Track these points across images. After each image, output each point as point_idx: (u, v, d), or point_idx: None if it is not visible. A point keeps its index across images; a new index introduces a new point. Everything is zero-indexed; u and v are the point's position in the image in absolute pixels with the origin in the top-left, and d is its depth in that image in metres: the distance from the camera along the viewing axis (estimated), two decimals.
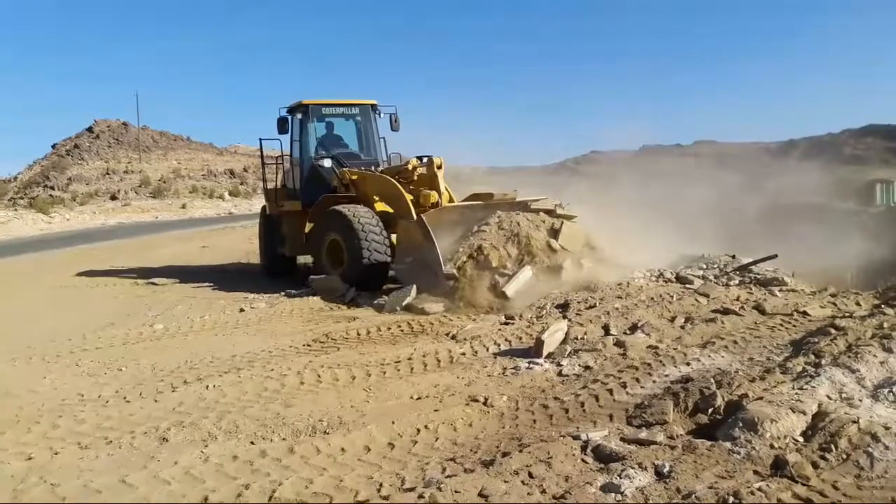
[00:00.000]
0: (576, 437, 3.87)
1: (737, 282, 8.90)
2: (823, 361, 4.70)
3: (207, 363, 6.29)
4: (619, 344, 5.85)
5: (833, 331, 5.46)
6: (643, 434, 3.86)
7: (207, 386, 5.50)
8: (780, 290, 8.02)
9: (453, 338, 6.84)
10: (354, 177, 11.38)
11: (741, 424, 3.70)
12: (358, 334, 7.19)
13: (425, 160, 10.58)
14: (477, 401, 4.76)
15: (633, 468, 3.37)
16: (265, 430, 4.41)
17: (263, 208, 13.70)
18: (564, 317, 7.13)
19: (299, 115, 12.07)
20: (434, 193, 10.12)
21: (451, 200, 10.56)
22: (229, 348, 6.84)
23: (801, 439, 3.63)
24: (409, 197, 10.19)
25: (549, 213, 9.94)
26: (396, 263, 9.79)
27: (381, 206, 10.79)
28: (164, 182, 52.35)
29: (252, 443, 4.22)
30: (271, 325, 8.07)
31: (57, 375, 6.16)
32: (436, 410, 4.61)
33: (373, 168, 11.94)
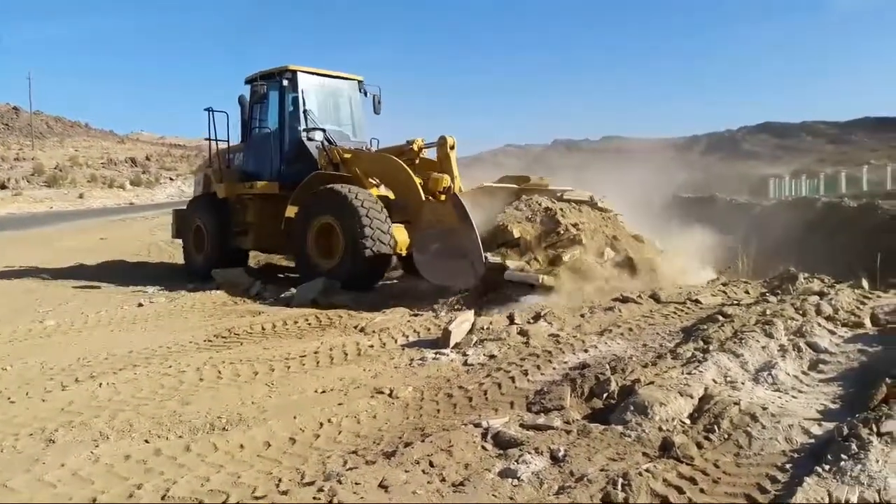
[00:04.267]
0: (477, 425, 3.93)
1: None
2: (711, 347, 4.94)
3: (102, 360, 6.02)
4: (522, 333, 5.98)
5: (721, 318, 5.76)
6: (541, 420, 3.97)
7: (101, 384, 5.26)
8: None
9: (362, 330, 6.81)
10: (348, 155, 10.04)
11: (633, 408, 3.86)
12: (263, 329, 7.05)
13: (414, 141, 9.74)
14: (382, 393, 4.76)
15: (530, 453, 3.45)
16: (160, 428, 4.26)
17: (206, 195, 11.79)
18: (472, 307, 7.22)
19: (284, 82, 10.52)
20: (446, 177, 9.07)
21: (459, 187, 9.43)
22: (126, 344, 6.56)
23: (688, 421, 3.81)
24: (417, 180, 9.13)
25: (589, 205, 9.06)
26: (417, 252, 8.43)
27: (374, 192, 9.69)
28: (60, 170, 49.66)
29: (146, 441, 4.07)
30: (171, 320, 7.80)
31: None
32: (340, 404, 4.59)
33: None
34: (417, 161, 9.69)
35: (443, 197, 8.83)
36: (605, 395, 4.23)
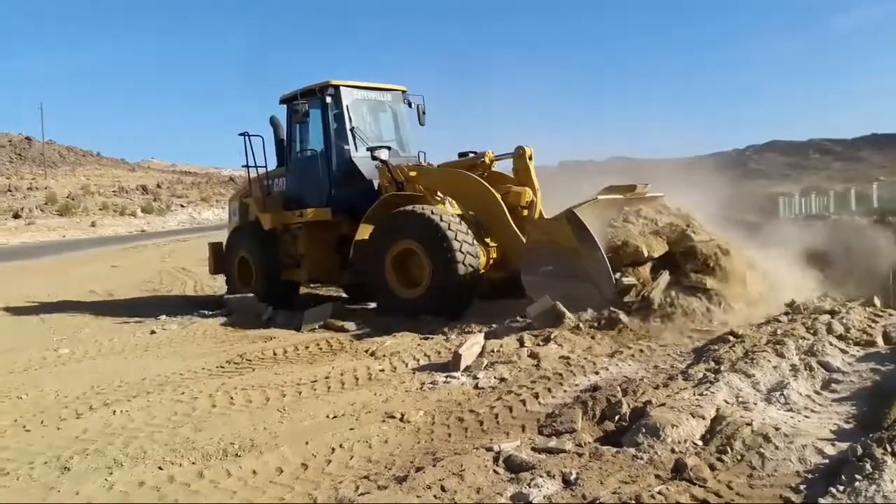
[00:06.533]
0: (488, 449, 3.93)
1: None
2: (722, 368, 4.94)
3: (115, 388, 6.06)
4: (533, 355, 5.98)
5: (732, 338, 5.74)
6: (553, 443, 3.96)
7: (114, 411, 5.31)
8: None
9: (372, 354, 6.83)
10: (413, 172, 9.25)
11: (644, 430, 3.85)
12: (274, 354, 7.09)
13: (485, 154, 9.15)
14: (393, 417, 4.77)
15: (541, 477, 3.45)
16: (174, 455, 4.29)
17: (248, 225, 11.00)
18: (481, 330, 7.24)
19: (327, 99, 9.80)
20: (528, 190, 8.61)
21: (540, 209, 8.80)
22: (139, 372, 6.61)
23: (700, 443, 3.80)
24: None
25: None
26: (525, 273, 7.69)
27: (441, 208, 8.93)
28: (73, 199, 50.19)
29: (160, 468, 4.09)
30: (184, 346, 7.85)
31: None
32: (351, 429, 4.60)
33: None
34: (486, 175, 9.08)
35: (525, 212, 8.49)
36: (616, 418, 4.23)
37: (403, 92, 10.69)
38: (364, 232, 8.92)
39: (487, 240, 8.78)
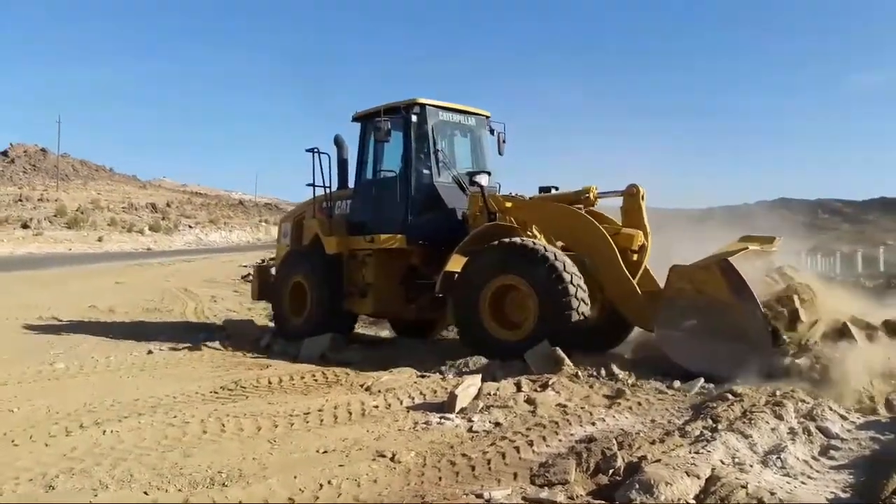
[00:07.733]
0: (478, 496, 3.88)
1: None
2: (720, 426, 4.88)
3: (108, 406, 6.02)
4: (529, 401, 5.93)
5: (731, 396, 5.69)
6: (544, 494, 3.90)
7: (105, 431, 5.26)
8: None
9: (367, 389, 6.77)
10: (509, 203, 8.57)
11: (638, 486, 3.78)
12: (269, 383, 7.04)
13: (589, 189, 8.36)
14: (384, 456, 4.70)
15: None
16: (161, 479, 4.23)
17: (305, 248, 10.15)
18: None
19: (413, 118, 9.10)
20: (640, 233, 7.95)
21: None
22: (133, 392, 6.58)
23: (693, 502, 3.74)
24: None
25: None
26: (662, 327, 7.07)
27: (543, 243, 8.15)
28: (82, 213, 50.51)
29: (145, 493, 4.04)
30: (180, 369, 7.82)
31: None
32: (341, 465, 4.54)
33: None
34: (586, 212, 8.32)
35: (635, 256, 7.92)
36: (610, 472, 4.17)
37: (487, 117, 10.08)
38: (456, 264, 8.15)
39: None
